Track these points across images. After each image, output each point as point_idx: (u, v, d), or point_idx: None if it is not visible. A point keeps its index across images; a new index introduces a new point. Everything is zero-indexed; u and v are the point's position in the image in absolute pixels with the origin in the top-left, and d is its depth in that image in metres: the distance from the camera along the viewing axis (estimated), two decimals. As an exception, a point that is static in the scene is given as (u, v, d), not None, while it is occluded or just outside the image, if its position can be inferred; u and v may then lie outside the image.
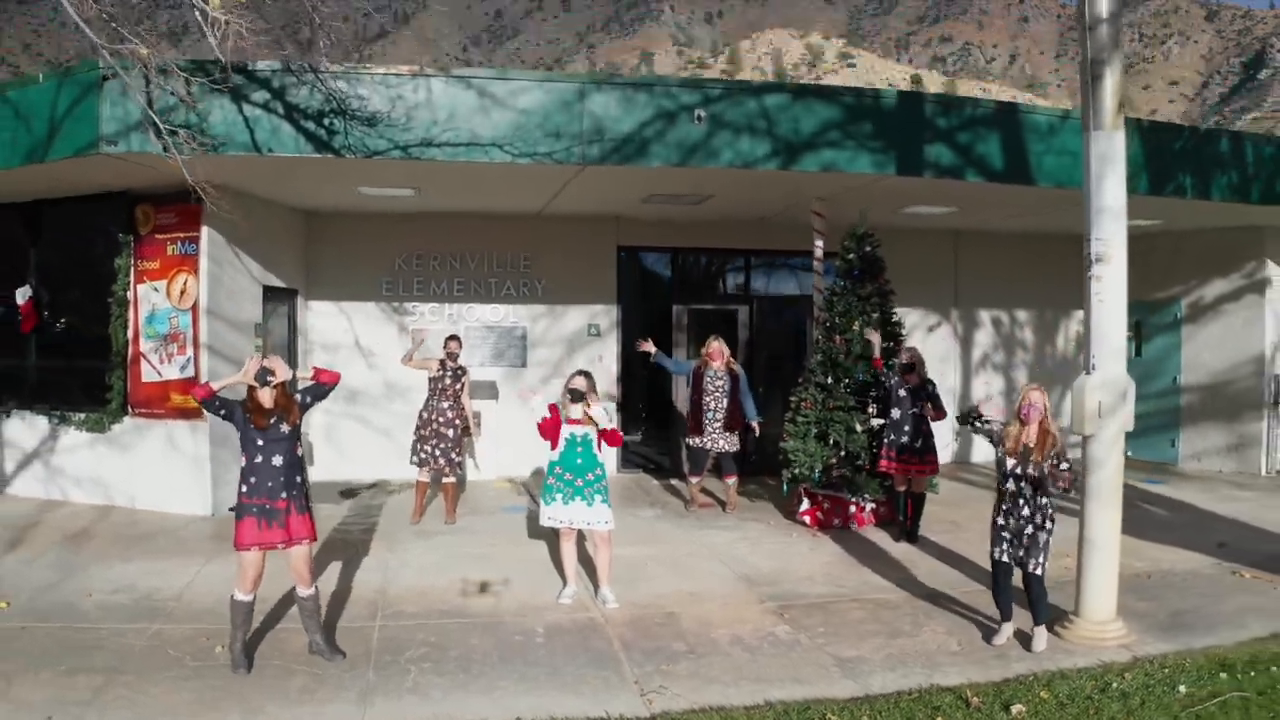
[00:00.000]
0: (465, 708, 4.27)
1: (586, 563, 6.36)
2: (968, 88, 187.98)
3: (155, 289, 8.12)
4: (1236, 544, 7.52)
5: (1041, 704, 4.26)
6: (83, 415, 8.55)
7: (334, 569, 6.49)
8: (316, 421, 9.67)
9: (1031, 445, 5.03)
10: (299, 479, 4.85)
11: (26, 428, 9.01)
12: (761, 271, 10.92)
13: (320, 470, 9.68)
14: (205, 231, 7.90)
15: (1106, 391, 5.17)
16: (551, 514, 5.84)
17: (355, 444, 9.90)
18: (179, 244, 8.03)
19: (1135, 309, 11.70)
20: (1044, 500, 5.03)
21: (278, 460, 4.71)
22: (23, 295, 9.04)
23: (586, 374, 5.89)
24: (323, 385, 5.02)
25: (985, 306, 11.67)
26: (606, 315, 10.42)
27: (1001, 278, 11.57)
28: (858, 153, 7.37)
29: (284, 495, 4.70)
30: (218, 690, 4.45)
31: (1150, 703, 4.28)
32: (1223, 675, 4.62)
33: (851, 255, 8.02)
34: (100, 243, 8.46)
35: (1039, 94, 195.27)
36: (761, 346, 10.98)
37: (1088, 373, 5.28)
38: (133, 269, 8.25)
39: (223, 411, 4.81)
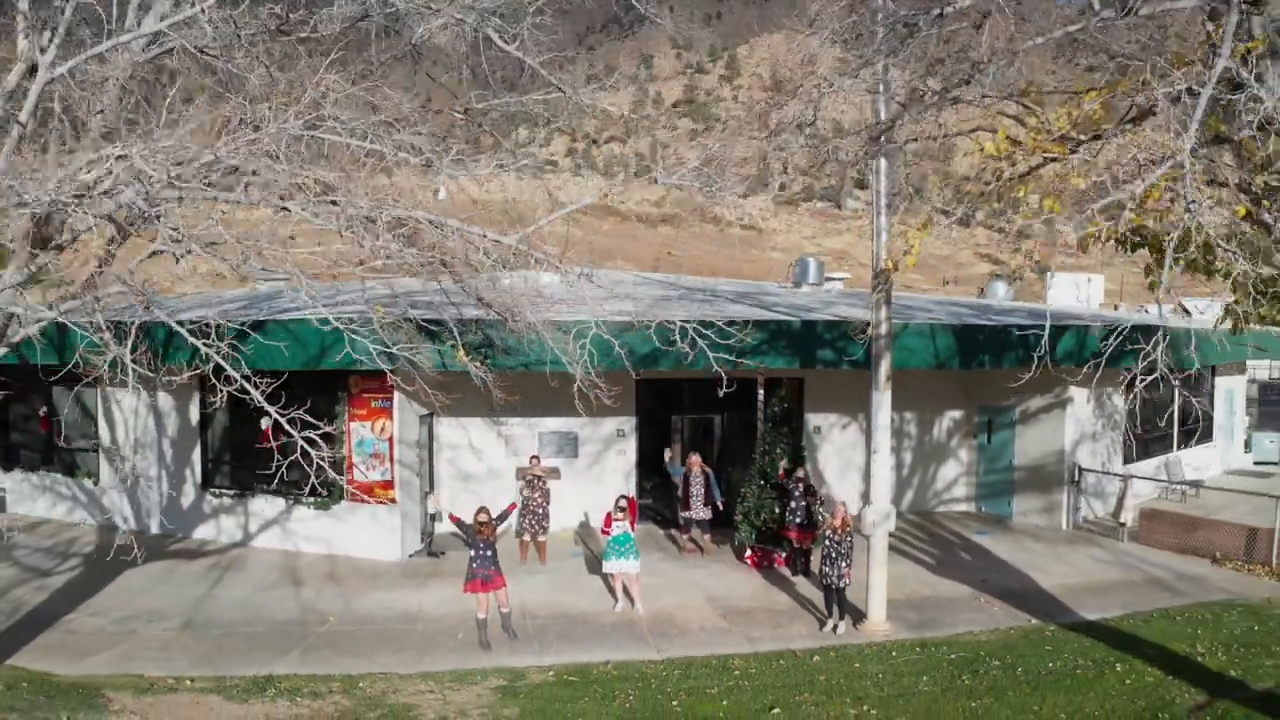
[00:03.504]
0: (582, 658, 10.30)
1: (626, 589, 12.35)
2: (964, 91, 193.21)
3: (364, 426, 14.13)
4: (998, 581, 13.53)
5: (828, 656, 10.31)
6: (312, 499, 14.55)
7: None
8: (446, 495, 15.65)
9: (838, 528, 11.04)
10: (496, 558, 10.81)
11: (267, 504, 15.03)
12: (729, 392, 16.87)
13: (447, 525, 15.62)
14: (396, 395, 13.89)
15: (878, 514, 11.18)
16: (609, 567, 11.89)
17: (469, 507, 15.86)
18: (378, 400, 14.04)
19: (988, 411, 17.78)
20: (847, 551, 11.03)
21: (489, 553, 10.70)
22: (266, 423, 15.02)
23: (627, 497, 11.94)
24: (506, 513, 11.00)
25: (883, 411, 17.66)
26: (629, 423, 16.42)
27: (897, 391, 17.51)
28: (777, 357, 13.41)
29: (492, 568, 10.68)
30: (474, 654, 10.46)
31: (874, 658, 10.32)
32: (918, 650, 10.65)
33: (775, 409, 14.06)
34: (326, 396, 14.43)
35: (1033, 99, 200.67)
36: (729, 441, 17.00)
37: (869, 503, 11.26)
38: (347, 413, 14.23)
39: (465, 526, 10.78)
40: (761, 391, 14.77)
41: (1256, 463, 23.96)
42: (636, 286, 19.83)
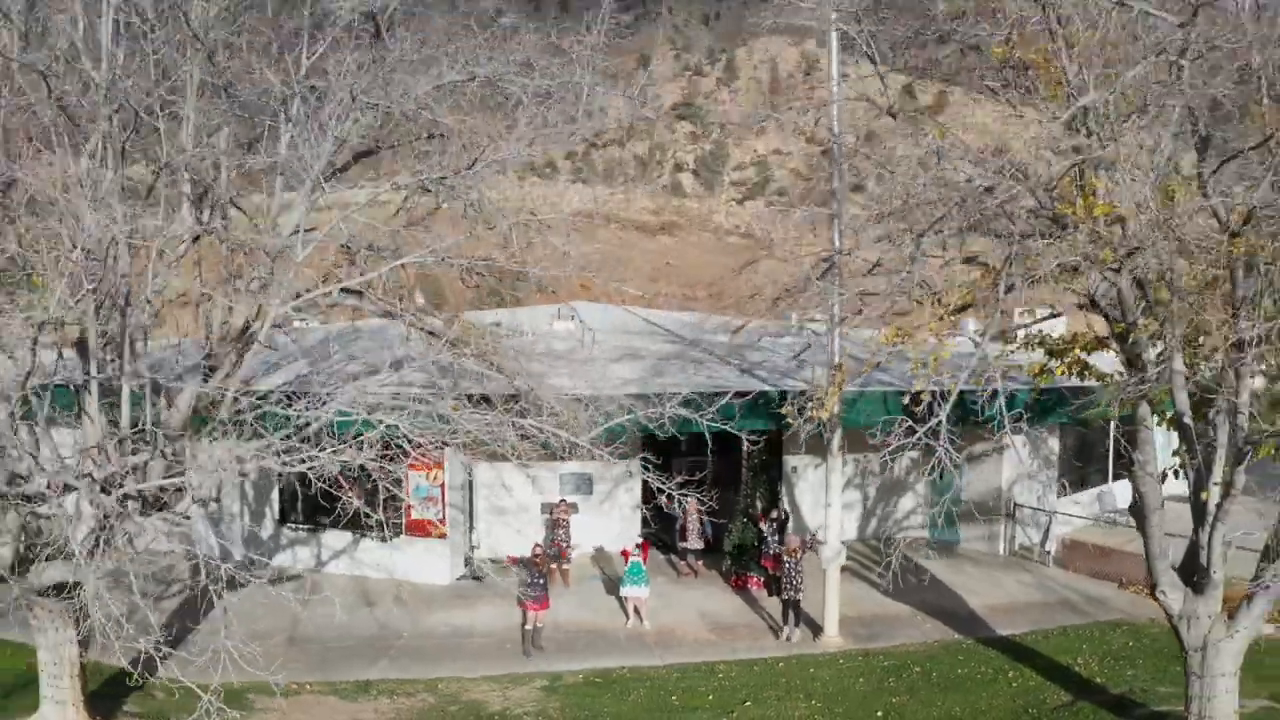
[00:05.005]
0: (604, 664, 13.73)
1: (636, 609, 15.72)
2: (958, 96, 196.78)
3: (419, 475, 17.52)
4: (935, 601, 16.89)
5: (790, 663, 13.74)
6: (375, 534, 17.93)
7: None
8: (482, 526, 19.04)
9: (793, 550, 14.44)
10: (545, 584, 14.21)
11: (337, 538, 18.42)
12: (718, 442, 20.29)
13: (486, 550, 19.00)
14: (447, 449, 17.26)
15: (832, 552, 14.59)
16: (625, 592, 15.33)
17: (502, 535, 19.29)
18: (430, 459, 17.39)
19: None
20: (801, 573, 14.41)
21: (541, 581, 14.13)
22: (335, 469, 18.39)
23: (644, 536, 15.35)
24: (556, 554, 14.42)
25: (851, 452, 21.07)
26: (636, 465, 19.78)
27: (853, 438, 20.93)
28: (758, 420, 16.80)
29: (544, 593, 14.11)
30: (520, 660, 13.89)
31: (825, 664, 13.74)
32: (860, 658, 14.06)
33: (756, 459, 17.46)
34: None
35: (1027, 104, 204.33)
36: (719, 483, 20.39)
37: (825, 541, 14.64)
38: (406, 463, 17.59)
39: (522, 560, 14.18)
40: (745, 445, 18.13)
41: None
42: (636, 337, 23.20)
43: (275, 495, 19.16)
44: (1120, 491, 23.90)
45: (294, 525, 18.92)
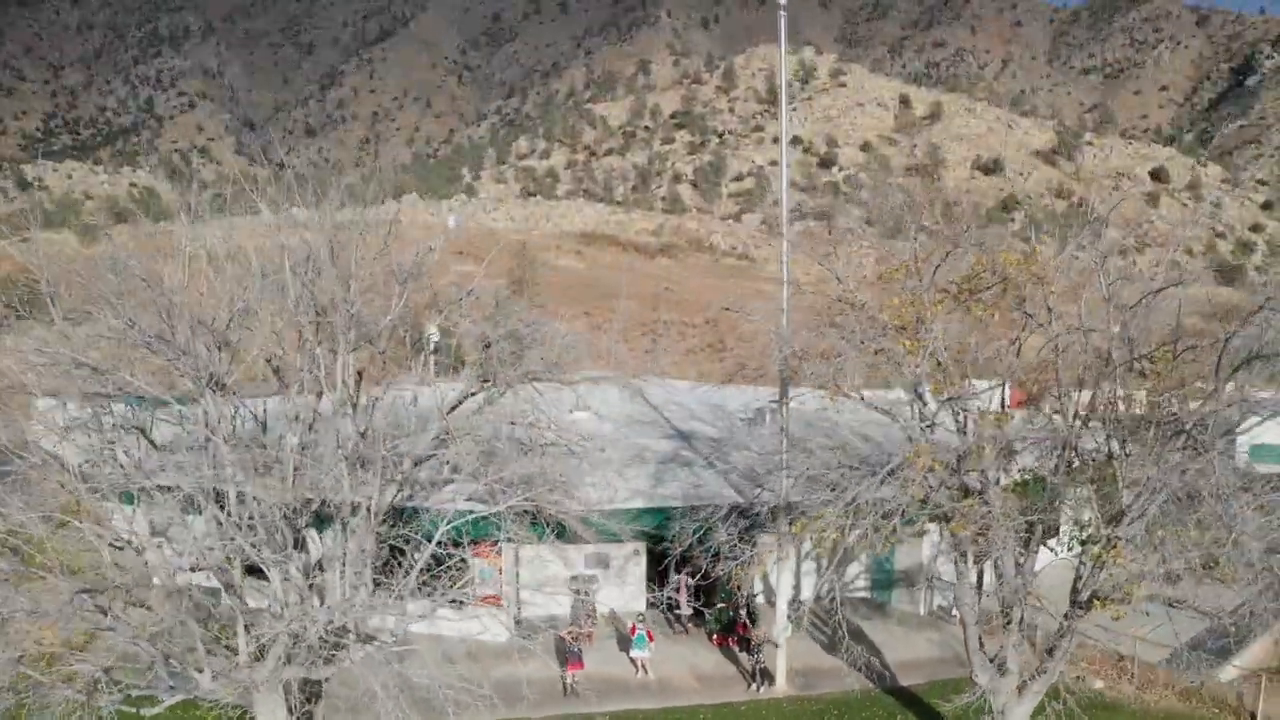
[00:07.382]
0: (623, 707, 20.58)
1: (643, 665, 22.38)
2: (955, 104, 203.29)
3: (482, 561, 24.19)
4: (862, 656, 23.51)
5: (749, 706, 20.55)
6: (449, 603, 24.62)
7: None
8: (526, 595, 25.71)
9: (759, 635, 21.17)
10: (580, 650, 20.93)
11: (416, 605, 25.06)
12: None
13: (529, 613, 25.66)
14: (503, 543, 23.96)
15: (779, 627, 21.28)
16: (633, 653, 22.14)
17: (541, 602, 25.93)
18: (493, 547, 24.09)
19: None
20: (763, 642, 21.15)
21: (577, 649, 20.85)
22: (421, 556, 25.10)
23: (643, 615, 22.08)
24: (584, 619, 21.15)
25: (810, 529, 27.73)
26: (641, 545, 26.46)
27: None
28: (732, 527, 23.46)
29: (579, 657, 20.85)
30: (564, 704, 20.61)
31: (773, 708, 20.50)
32: (799, 703, 20.79)
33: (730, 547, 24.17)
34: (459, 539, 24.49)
35: (1024, 113, 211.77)
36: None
37: (776, 619, 21.32)
38: (471, 552, 24.29)
39: (565, 634, 20.92)
40: (725, 528, 24.82)
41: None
42: (641, 429, 29.80)
43: (369, 572, 25.81)
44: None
45: (383, 593, 25.54)
